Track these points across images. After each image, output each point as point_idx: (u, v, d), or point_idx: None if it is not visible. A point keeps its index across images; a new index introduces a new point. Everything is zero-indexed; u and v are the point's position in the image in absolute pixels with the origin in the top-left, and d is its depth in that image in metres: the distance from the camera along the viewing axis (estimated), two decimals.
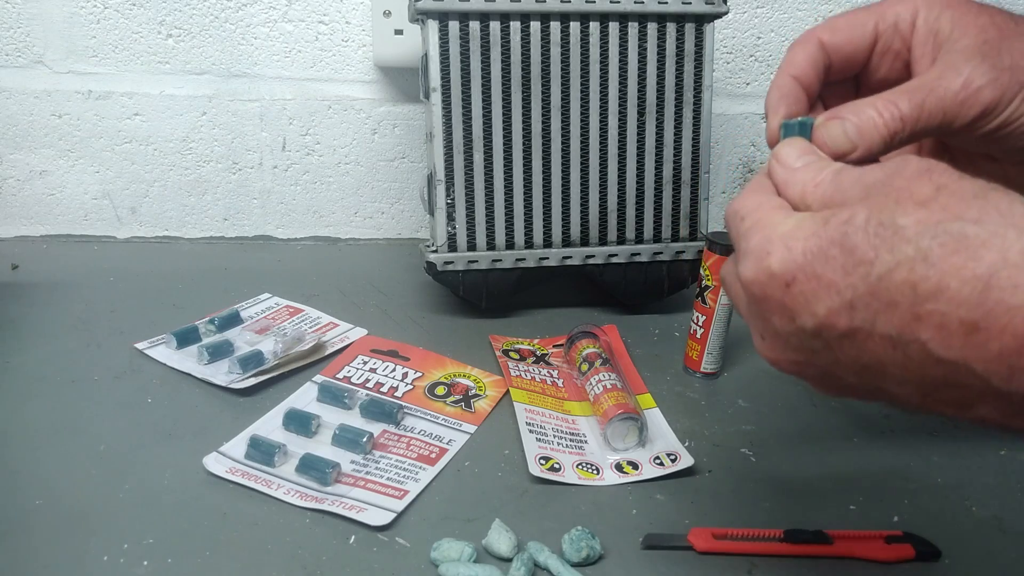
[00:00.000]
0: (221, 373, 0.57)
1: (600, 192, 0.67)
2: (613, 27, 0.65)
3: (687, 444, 0.53)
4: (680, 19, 0.66)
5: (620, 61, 0.65)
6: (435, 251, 0.66)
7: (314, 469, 0.47)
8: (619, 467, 0.50)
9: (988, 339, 0.25)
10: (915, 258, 0.26)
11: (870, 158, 0.34)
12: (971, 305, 0.25)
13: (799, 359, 0.31)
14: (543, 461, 0.49)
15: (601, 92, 0.66)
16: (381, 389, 0.57)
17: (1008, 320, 0.24)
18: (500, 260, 0.66)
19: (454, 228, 0.65)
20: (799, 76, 0.36)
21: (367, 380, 0.58)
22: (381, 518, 0.44)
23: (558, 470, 0.49)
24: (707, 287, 0.59)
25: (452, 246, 0.65)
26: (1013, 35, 0.34)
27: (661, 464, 0.50)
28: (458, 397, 0.57)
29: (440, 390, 0.57)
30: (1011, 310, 0.24)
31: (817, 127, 0.34)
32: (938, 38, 0.35)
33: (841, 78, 0.38)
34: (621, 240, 0.69)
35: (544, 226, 0.67)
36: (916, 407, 0.29)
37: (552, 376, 0.60)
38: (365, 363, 0.60)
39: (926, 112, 0.33)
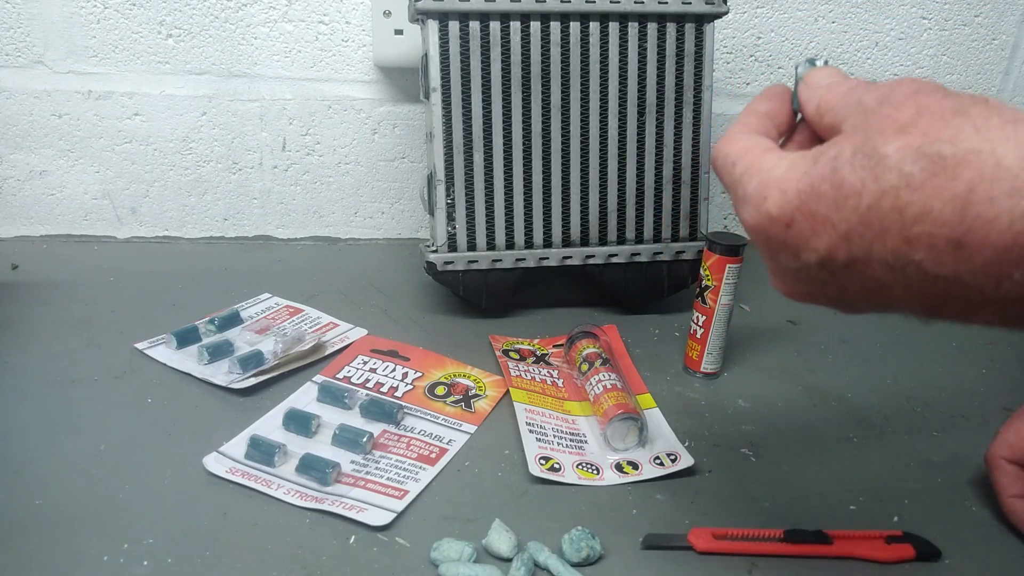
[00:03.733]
0: (221, 373, 0.57)
1: (600, 192, 0.67)
2: (613, 27, 0.65)
3: (687, 444, 0.53)
4: (680, 19, 0.66)
5: (620, 61, 0.65)
6: (435, 251, 0.66)
7: (314, 469, 0.47)
8: (619, 467, 0.50)
9: (972, 253, 0.26)
10: (899, 185, 0.27)
11: None
12: (954, 223, 0.26)
13: (810, 290, 0.32)
14: (543, 461, 0.50)
15: (601, 92, 0.66)
16: (381, 389, 0.57)
17: (986, 233, 0.25)
18: (500, 260, 0.66)
19: (454, 228, 0.65)
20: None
21: (367, 380, 0.58)
22: (381, 518, 0.44)
23: (558, 470, 0.49)
24: (707, 287, 0.59)
25: (452, 246, 0.65)
26: None
27: (661, 464, 0.50)
28: (458, 397, 0.57)
29: (440, 390, 0.57)
30: (988, 223, 0.25)
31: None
32: None
33: None
34: (621, 240, 0.69)
35: (544, 226, 0.67)
36: (926, 318, 0.30)
37: (552, 376, 0.60)
38: (365, 363, 0.60)
39: None
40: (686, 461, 0.50)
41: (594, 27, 0.64)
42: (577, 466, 0.50)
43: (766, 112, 0.35)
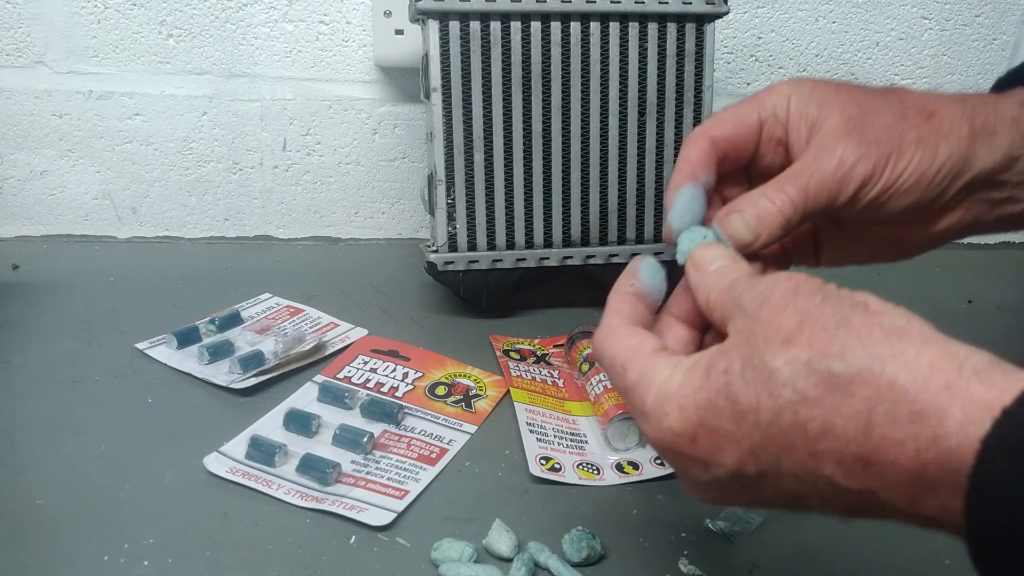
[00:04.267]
0: (222, 373, 0.57)
1: (601, 192, 0.67)
2: (613, 27, 0.65)
3: None
4: (680, 19, 0.66)
5: (620, 61, 0.65)
6: (435, 251, 0.66)
7: (314, 469, 0.47)
8: (620, 467, 0.50)
9: (884, 472, 0.25)
10: (796, 400, 0.26)
11: (772, 243, 0.36)
12: (859, 442, 0.25)
13: (726, 498, 0.31)
14: (544, 461, 0.49)
15: (602, 92, 0.66)
16: (381, 389, 0.57)
17: (896, 455, 0.24)
18: (500, 260, 0.66)
19: (454, 228, 0.65)
20: (695, 173, 0.37)
21: (367, 380, 0.58)
22: (381, 518, 0.44)
23: (559, 470, 0.49)
24: None
25: (452, 246, 0.65)
26: (871, 109, 0.36)
27: (662, 464, 0.50)
28: (458, 397, 0.57)
29: (440, 390, 0.57)
30: (896, 445, 0.24)
31: (720, 222, 0.36)
32: (808, 122, 0.37)
33: (733, 169, 0.40)
34: (622, 240, 0.68)
35: (544, 226, 0.67)
36: (849, 519, 0.29)
37: (552, 376, 0.60)
38: (365, 363, 0.60)
39: (812, 194, 0.35)
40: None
41: (594, 27, 0.64)
42: (578, 466, 0.50)
43: (636, 293, 0.35)
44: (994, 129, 0.37)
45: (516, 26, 0.63)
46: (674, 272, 0.37)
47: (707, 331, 0.36)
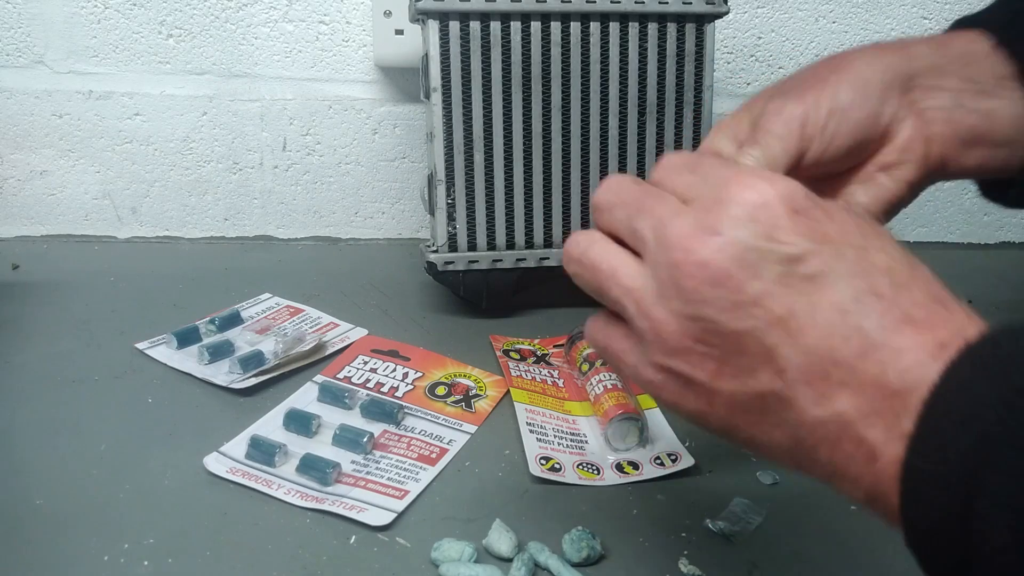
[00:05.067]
0: (222, 373, 0.57)
1: None
2: (613, 27, 0.65)
3: (688, 444, 0.53)
4: (680, 19, 0.66)
5: (620, 61, 0.65)
6: (435, 251, 0.66)
7: (314, 469, 0.47)
8: (620, 467, 0.50)
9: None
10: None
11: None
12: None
13: (696, 345, 0.29)
14: (544, 461, 0.49)
15: (602, 92, 0.66)
16: (381, 389, 0.57)
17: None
18: (500, 260, 0.66)
19: (454, 228, 0.65)
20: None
21: (367, 380, 0.58)
22: (381, 518, 0.44)
23: (559, 470, 0.49)
24: None
25: (452, 246, 0.65)
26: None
27: (662, 464, 0.50)
28: (458, 397, 0.57)
29: (440, 390, 0.57)
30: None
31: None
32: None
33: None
34: None
35: (545, 226, 0.67)
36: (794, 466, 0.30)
37: (552, 376, 0.60)
38: (365, 363, 0.60)
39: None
40: (687, 461, 0.50)
41: (594, 27, 0.64)
42: (578, 466, 0.50)
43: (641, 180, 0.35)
44: (907, 46, 0.41)
45: (516, 26, 0.63)
46: None
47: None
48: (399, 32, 0.77)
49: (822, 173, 0.41)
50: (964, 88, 0.39)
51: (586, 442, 0.53)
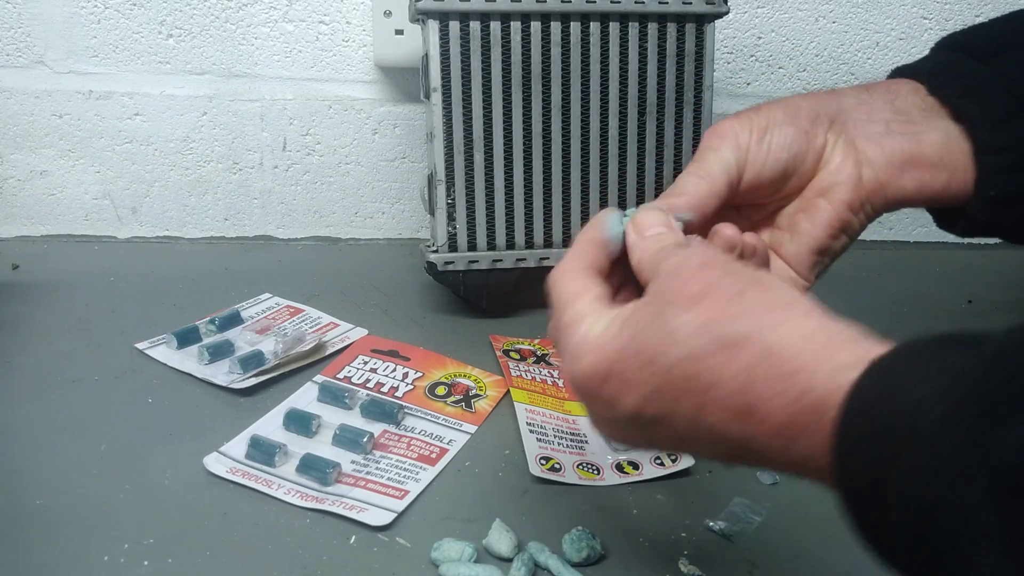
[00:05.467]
0: (222, 373, 0.57)
1: (601, 192, 0.67)
2: (613, 27, 0.65)
3: None
4: (680, 19, 0.66)
5: (620, 61, 0.65)
6: (436, 251, 0.66)
7: (314, 469, 0.47)
8: (619, 467, 0.50)
9: (760, 421, 0.28)
10: (690, 355, 0.30)
11: (706, 211, 0.40)
12: (740, 395, 0.29)
13: (626, 436, 0.36)
14: (544, 461, 0.49)
15: (601, 92, 0.66)
16: (381, 389, 0.57)
17: (770, 407, 0.28)
18: (501, 260, 0.66)
19: (455, 228, 0.65)
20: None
21: (367, 380, 0.58)
22: (381, 518, 0.44)
23: (559, 470, 0.49)
24: None
25: (453, 246, 0.65)
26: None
27: (662, 464, 0.50)
28: (458, 397, 0.57)
29: (440, 390, 0.57)
30: (770, 398, 0.28)
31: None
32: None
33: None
34: None
35: (545, 226, 0.67)
36: (731, 465, 0.34)
37: (553, 376, 0.60)
38: (365, 363, 0.60)
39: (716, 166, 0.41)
40: (687, 461, 0.50)
41: (594, 27, 0.64)
42: (578, 466, 0.50)
43: (598, 240, 0.38)
44: (837, 91, 0.44)
45: (516, 26, 0.63)
46: None
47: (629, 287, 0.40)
48: (399, 32, 0.77)
49: (766, 202, 0.43)
50: (892, 119, 0.42)
51: (586, 442, 0.53)
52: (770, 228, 0.44)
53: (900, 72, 0.46)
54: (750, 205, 0.44)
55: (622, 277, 0.39)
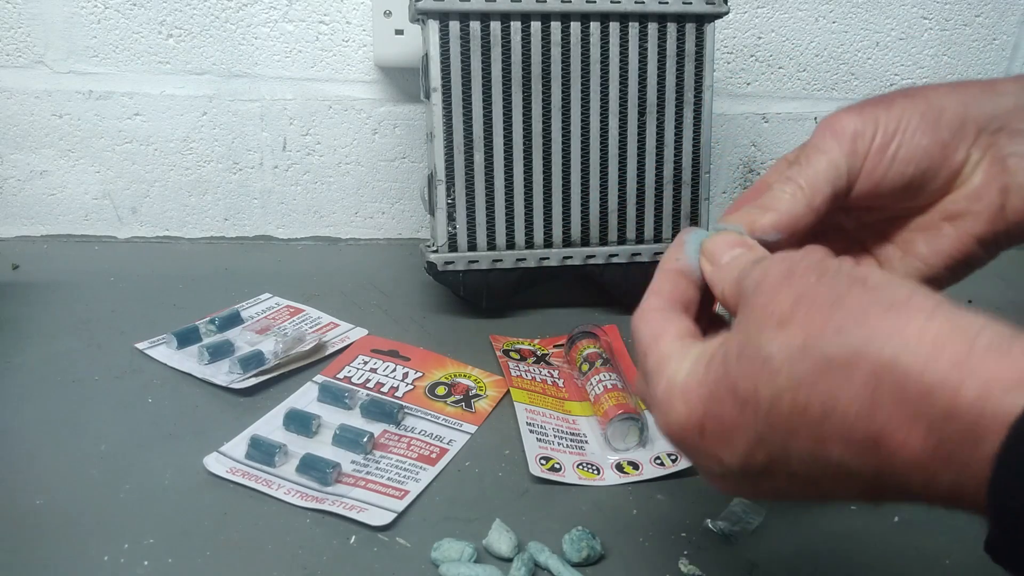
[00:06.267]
0: (222, 373, 0.57)
1: (601, 192, 0.67)
2: (613, 27, 0.65)
3: None
4: (680, 19, 0.66)
5: (620, 61, 0.65)
6: (436, 251, 0.66)
7: (314, 469, 0.47)
8: (620, 467, 0.50)
9: (895, 451, 0.24)
10: (792, 386, 0.25)
11: (796, 227, 0.34)
12: (864, 423, 0.24)
13: (744, 489, 0.31)
14: (544, 461, 0.49)
15: (602, 92, 0.66)
16: (381, 389, 0.57)
17: (906, 433, 0.23)
18: (501, 260, 0.66)
19: (455, 228, 0.65)
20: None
21: (367, 380, 0.58)
22: (381, 518, 0.44)
23: (559, 470, 0.49)
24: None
25: (453, 246, 0.65)
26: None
27: (662, 464, 0.50)
28: (458, 397, 0.57)
29: (440, 390, 0.57)
30: (905, 424, 0.23)
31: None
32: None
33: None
34: (622, 240, 0.69)
35: (545, 226, 0.67)
36: (873, 503, 0.28)
37: (553, 376, 0.60)
38: (365, 363, 0.60)
39: (818, 171, 0.34)
40: (687, 461, 0.50)
41: (594, 27, 0.64)
42: (578, 466, 0.50)
43: (679, 269, 0.34)
44: (995, 84, 0.36)
45: (516, 26, 0.63)
46: None
47: None
48: (399, 32, 0.77)
49: (879, 215, 0.37)
50: None
51: (586, 442, 0.53)
52: (880, 237, 0.38)
53: None
54: (861, 207, 0.37)
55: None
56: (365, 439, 0.50)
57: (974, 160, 0.35)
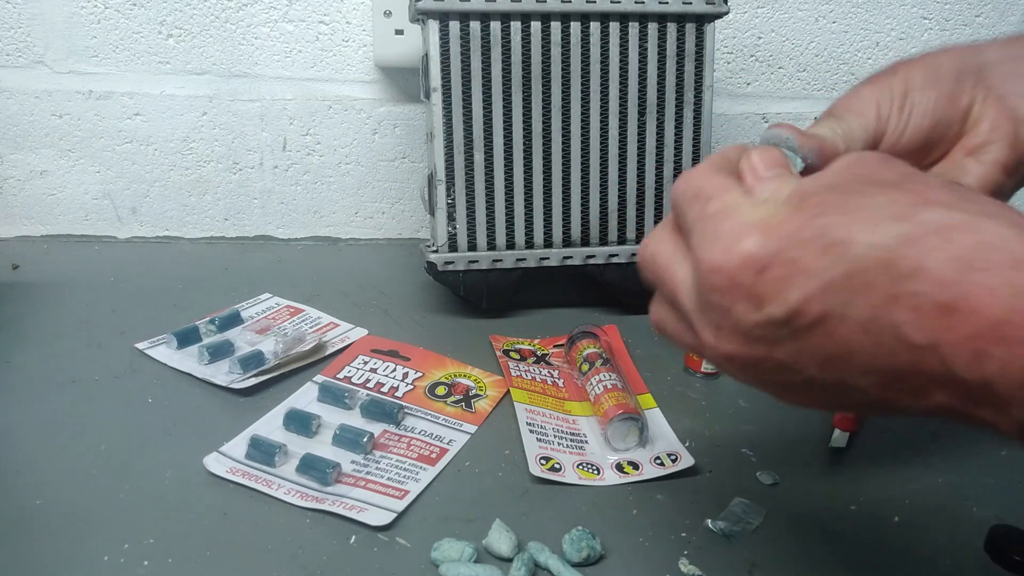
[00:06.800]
0: (222, 373, 0.57)
1: (601, 192, 0.67)
2: (613, 27, 0.65)
3: (687, 444, 0.53)
4: (681, 19, 0.66)
5: (620, 61, 0.65)
6: (436, 251, 0.66)
7: (314, 469, 0.47)
8: (620, 467, 0.50)
9: (961, 321, 0.24)
10: (894, 238, 0.25)
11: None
12: (948, 286, 0.24)
13: (758, 353, 0.29)
14: (544, 461, 0.49)
15: (602, 92, 0.66)
16: (381, 389, 0.57)
17: (984, 301, 0.24)
18: (501, 260, 0.66)
19: (454, 228, 0.65)
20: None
21: (367, 380, 0.58)
22: (381, 518, 0.44)
23: (559, 470, 0.49)
24: None
25: (453, 246, 0.65)
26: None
27: (662, 464, 0.50)
28: (458, 397, 0.57)
29: (440, 390, 0.57)
30: (989, 291, 0.24)
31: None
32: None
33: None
34: (622, 240, 0.69)
35: (545, 226, 0.67)
36: (872, 401, 0.28)
37: (553, 376, 0.60)
38: (365, 363, 0.60)
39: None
40: (687, 461, 0.50)
41: (594, 27, 0.64)
42: (578, 466, 0.50)
43: (733, 159, 0.33)
44: (978, 44, 0.40)
45: (516, 26, 0.63)
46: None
47: None
48: (399, 32, 0.77)
49: None
50: None
51: (586, 442, 0.53)
52: None
53: None
54: None
55: None
56: (365, 439, 0.50)
57: (979, 100, 0.38)
